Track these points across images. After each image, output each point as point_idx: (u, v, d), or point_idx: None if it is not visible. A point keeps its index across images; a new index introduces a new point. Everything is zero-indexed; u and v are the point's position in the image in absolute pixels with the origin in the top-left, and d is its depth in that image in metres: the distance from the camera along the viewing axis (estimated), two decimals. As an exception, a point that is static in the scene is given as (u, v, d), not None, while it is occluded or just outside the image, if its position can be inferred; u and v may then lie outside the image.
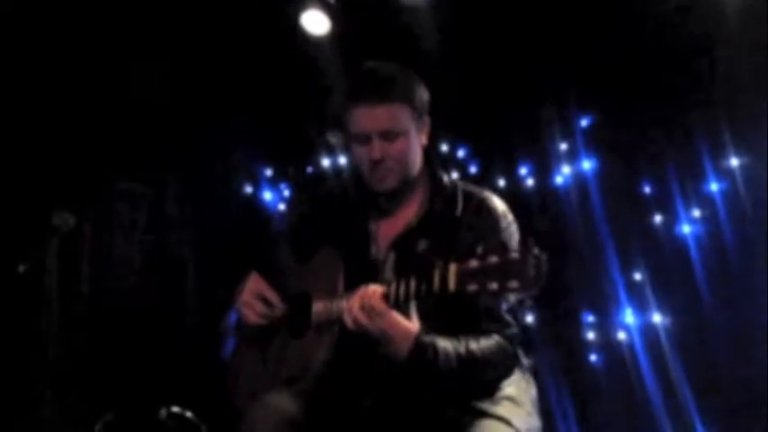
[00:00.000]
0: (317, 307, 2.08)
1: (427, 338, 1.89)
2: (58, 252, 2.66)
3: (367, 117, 2.07)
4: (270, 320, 2.18)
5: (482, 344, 1.96)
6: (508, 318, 2.03)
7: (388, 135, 2.07)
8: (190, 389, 3.72)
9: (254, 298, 2.17)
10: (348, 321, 1.90)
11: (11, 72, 3.87)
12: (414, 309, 1.91)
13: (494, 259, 1.65)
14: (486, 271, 1.66)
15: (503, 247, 1.67)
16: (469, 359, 1.92)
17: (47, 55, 3.94)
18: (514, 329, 2.04)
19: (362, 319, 1.85)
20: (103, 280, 4.26)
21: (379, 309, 1.83)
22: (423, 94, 2.15)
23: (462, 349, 1.92)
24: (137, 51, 4.13)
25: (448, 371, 1.90)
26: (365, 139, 2.09)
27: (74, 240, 4.03)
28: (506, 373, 2.07)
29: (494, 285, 1.64)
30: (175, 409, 2.84)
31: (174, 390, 3.67)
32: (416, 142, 2.13)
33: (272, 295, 2.17)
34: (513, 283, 1.62)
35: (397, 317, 1.86)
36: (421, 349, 1.87)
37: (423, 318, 1.95)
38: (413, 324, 1.89)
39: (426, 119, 2.17)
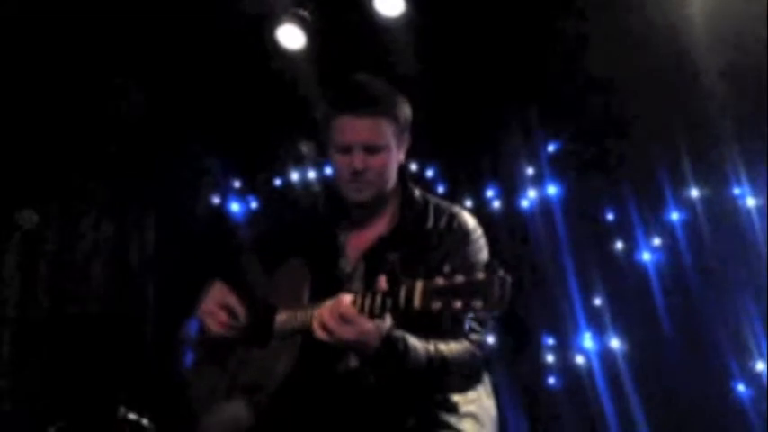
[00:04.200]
0: (281, 317, 2.07)
1: (398, 333, 1.90)
2: (18, 250, 2.62)
3: (351, 128, 2.08)
4: (232, 331, 2.16)
5: (451, 346, 1.98)
6: (474, 324, 2.04)
7: (371, 148, 2.09)
8: (147, 396, 3.68)
9: (218, 307, 2.14)
10: (318, 330, 1.87)
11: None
12: (388, 317, 1.91)
13: (460, 278, 1.67)
14: (451, 290, 1.67)
15: (469, 267, 1.69)
16: (438, 358, 1.93)
17: (18, 61, 3.90)
18: (482, 335, 2.06)
19: (334, 327, 1.84)
20: (63, 284, 4.20)
21: (349, 316, 1.82)
22: (407, 112, 2.18)
23: (432, 348, 1.94)
24: (107, 62, 4.11)
25: (417, 368, 1.90)
26: (347, 150, 2.10)
27: (35, 243, 3.99)
28: (475, 378, 2.09)
29: (458, 304, 1.65)
30: (132, 416, 2.81)
31: (131, 397, 3.63)
32: (395, 158, 2.16)
33: (236, 304, 2.14)
34: (478, 303, 1.64)
35: (367, 321, 1.84)
36: (392, 342, 1.87)
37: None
38: (384, 322, 1.88)
39: (407, 136, 2.20)
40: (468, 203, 4.10)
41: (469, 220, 2.17)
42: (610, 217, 3.86)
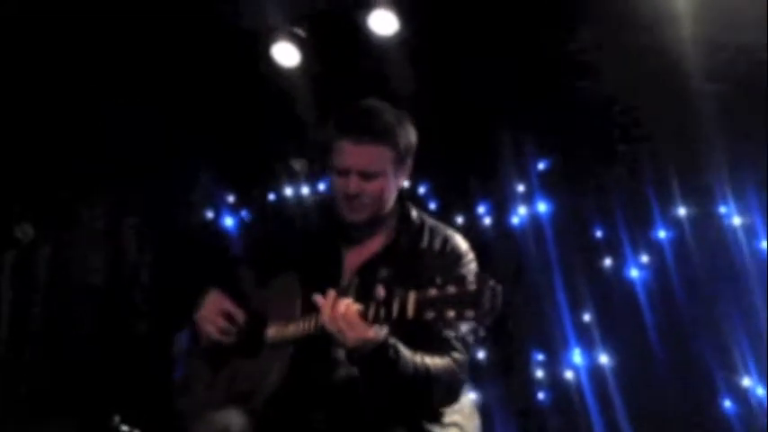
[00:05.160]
0: (272, 328, 2.11)
1: (392, 340, 1.95)
2: (14, 264, 2.64)
3: (349, 153, 2.13)
4: (230, 337, 2.19)
5: (436, 361, 2.03)
6: (458, 345, 2.09)
7: (367, 174, 2.13)
8: (140, 407, 3.70)
9: (216, 313, 2.18)
10: (330, 323, 1.91)
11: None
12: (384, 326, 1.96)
13: (452, 289, 1.72)
14: (444, 300, 1.72)
15: (461, 279, 1.74)
16: (423, 370, 1.98)
17: (14, 75, 3.93)
18: (465, 356, 2.10)
19: (344, 328, 1.89)
20: (58, 297, 4.21)
21: (354, 323, 1.87)
22: (409, 139, 2.20)
23: (418, 359, 1.99)
24: (102, 77, 4.15)
25: (404, 376, 1.95)
26: (344, 173, 2.15)
27: (30, 257, 4.00)
28: (453, 397, 2.12)
29: (451, 314, 1.71)
30: (125, 427, 2.83)
31: (125, 408, 3.65)
32: (393, 183, 2.19)
33: (234, 311, 2.19)
34: (470, 313, 1.69)
35: (368, 329, 1.90)
36: (384, 347, 1.92)
37: None
38: (381, 330, 1.93)
39: (409, 162, 2.23)
40: (460, 220, 4.15)
41: (462, 244, 2.22)
42: (599, 234, 3.91)
